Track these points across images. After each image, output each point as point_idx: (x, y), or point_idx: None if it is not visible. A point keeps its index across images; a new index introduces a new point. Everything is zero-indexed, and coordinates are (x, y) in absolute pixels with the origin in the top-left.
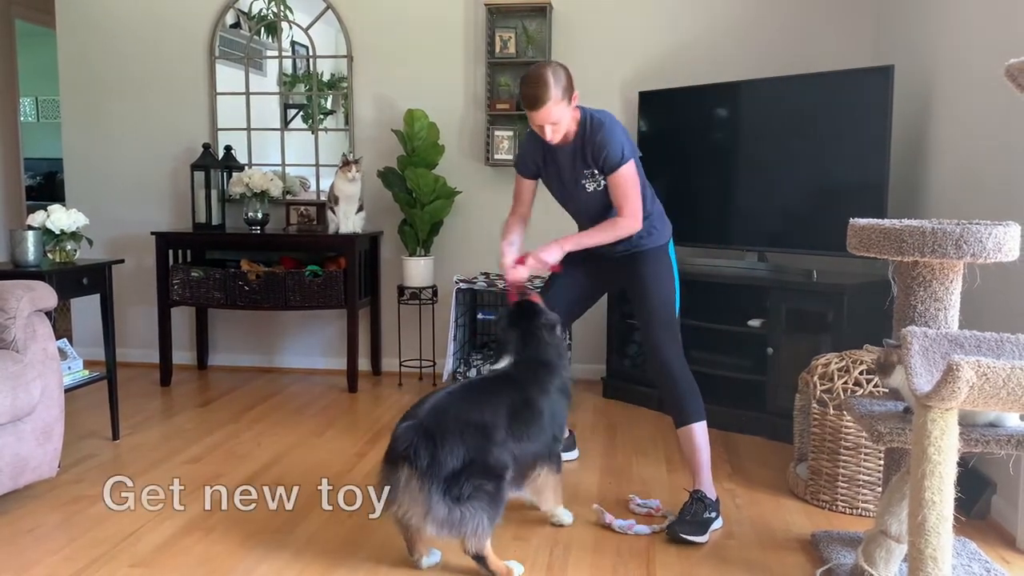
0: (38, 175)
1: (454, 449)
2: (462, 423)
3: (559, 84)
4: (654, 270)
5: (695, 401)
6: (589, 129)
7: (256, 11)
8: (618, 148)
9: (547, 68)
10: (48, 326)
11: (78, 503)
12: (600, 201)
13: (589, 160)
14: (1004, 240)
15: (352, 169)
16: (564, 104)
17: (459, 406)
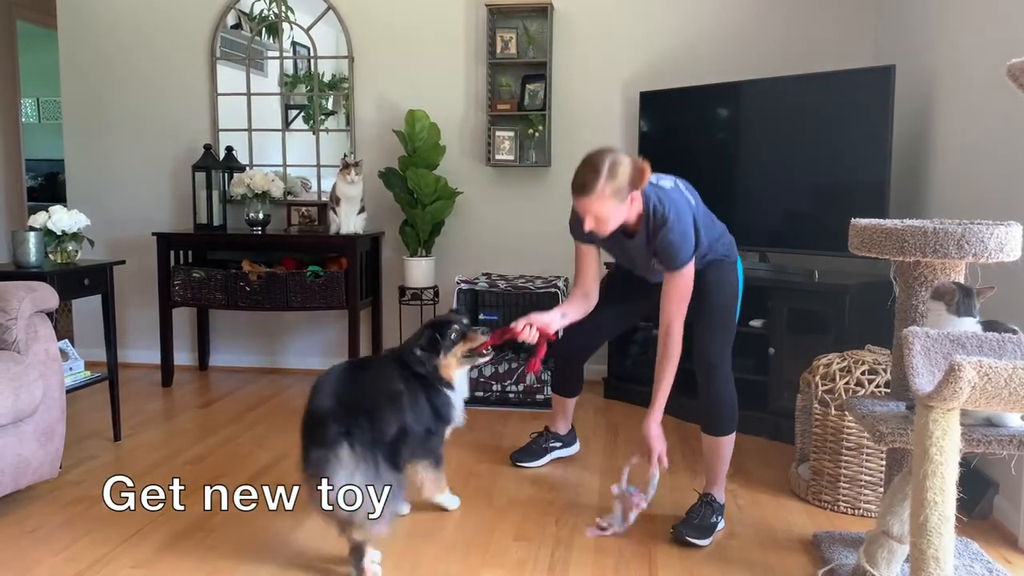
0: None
1: (388, 418)
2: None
3: (613, 181)
4: (718, 277)
5: (733, 414)
6: (653, 224)
7: (257, 12)
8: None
9: (606, 159)
10: (50, 327)
11: (80, 504)
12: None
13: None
14: (1006, 240)
15: (352, 171)
16: (614, 203)
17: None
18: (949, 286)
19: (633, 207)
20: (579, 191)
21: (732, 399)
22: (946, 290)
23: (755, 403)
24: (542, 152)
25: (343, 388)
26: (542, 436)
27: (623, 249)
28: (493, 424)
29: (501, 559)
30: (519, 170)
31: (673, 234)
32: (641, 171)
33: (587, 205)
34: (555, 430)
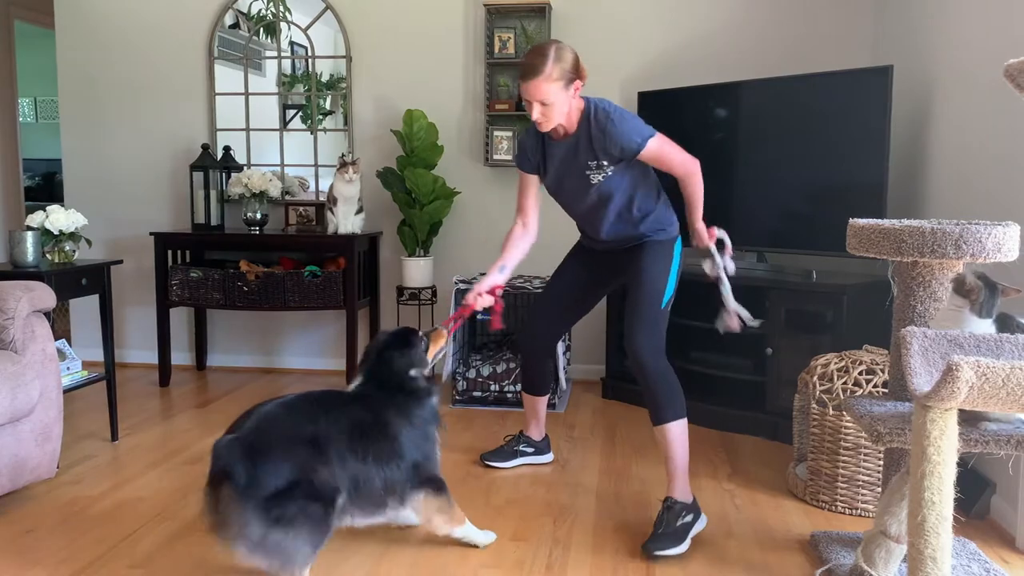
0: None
1: (278, 466)
2: (290, 437)
3: (560, 64)
4: (651, 260)
5: (671, 397)
6: (595, 119)
7: (255, 11)
8: (632, 131)
9: (552, 45)
10: (47, 327)
11: (77, 504)
12: (605, 194)
13: (597, 151)
14: (1003, 240)
15: (349, 170)
16: (560, 86)
17: (289, 418)
18: (975, 282)
19: (574, 103)
20: (528, 74)
21: (666, 376)
22: (972, 287)
23: (753, 403)
24: None
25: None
26: (515, 439)
27: (556, 158)
28: (491, 424)
29: (498, 559)
30: (515, 170)
31: (624, 119)
32: (583, 67)
33: (535, 88)
34: (529, 435)
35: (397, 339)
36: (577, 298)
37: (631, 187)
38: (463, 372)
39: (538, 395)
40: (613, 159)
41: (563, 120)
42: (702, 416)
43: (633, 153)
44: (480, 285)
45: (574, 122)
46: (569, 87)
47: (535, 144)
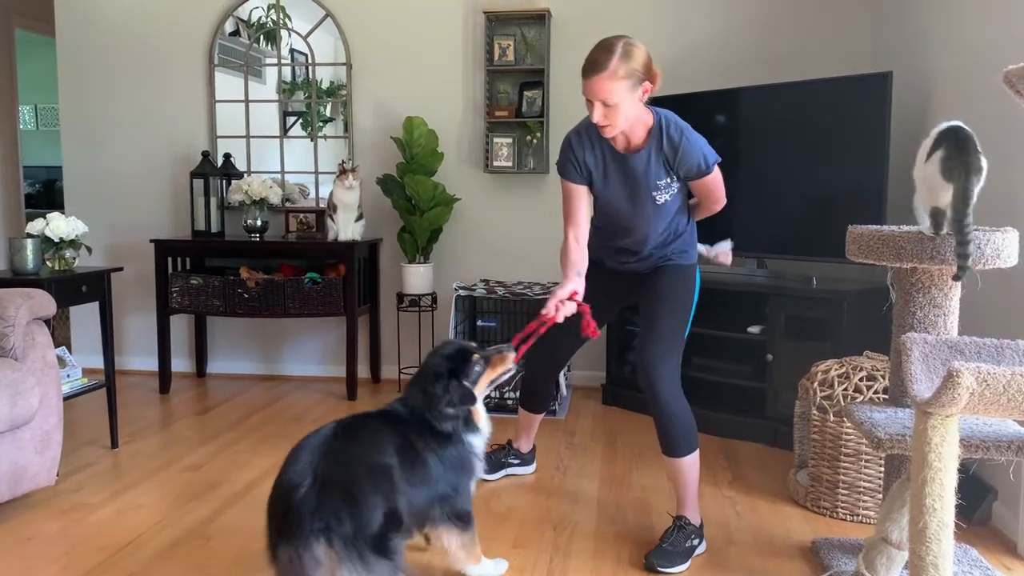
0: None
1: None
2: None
3: (628, 61)
4: (675, 286)
5: (688, 432)
6: (667, 134)
7: (255, 19)
8: (706, 152)
9: (621, 41)
10: (47, 334)
11: (77, 511)
12: (666, 214)
13: (667, 168)
14: (1003, 246)
15: (349, 177)
16: (626, 86)
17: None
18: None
19: (642, 111)
20: (591, 70)
21: (684, 416)
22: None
23: (753, 409)
24: (540, 159)
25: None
26: (502, 449)
27: (622, 173)
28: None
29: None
30: (517, 176)
31: (696, 139)
32: (656, 69)
33: (598, 86)
34: (517, 446)
35: (448, 363)
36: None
37: (678, 207)
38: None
39: (536, 413)
40: (679, 178)
41: (626, 126)
42: (702, 422)
43: (700, 174)
44: (560, 292)
45: (640, 134)
46: (637, 88)
47: (589, 152)
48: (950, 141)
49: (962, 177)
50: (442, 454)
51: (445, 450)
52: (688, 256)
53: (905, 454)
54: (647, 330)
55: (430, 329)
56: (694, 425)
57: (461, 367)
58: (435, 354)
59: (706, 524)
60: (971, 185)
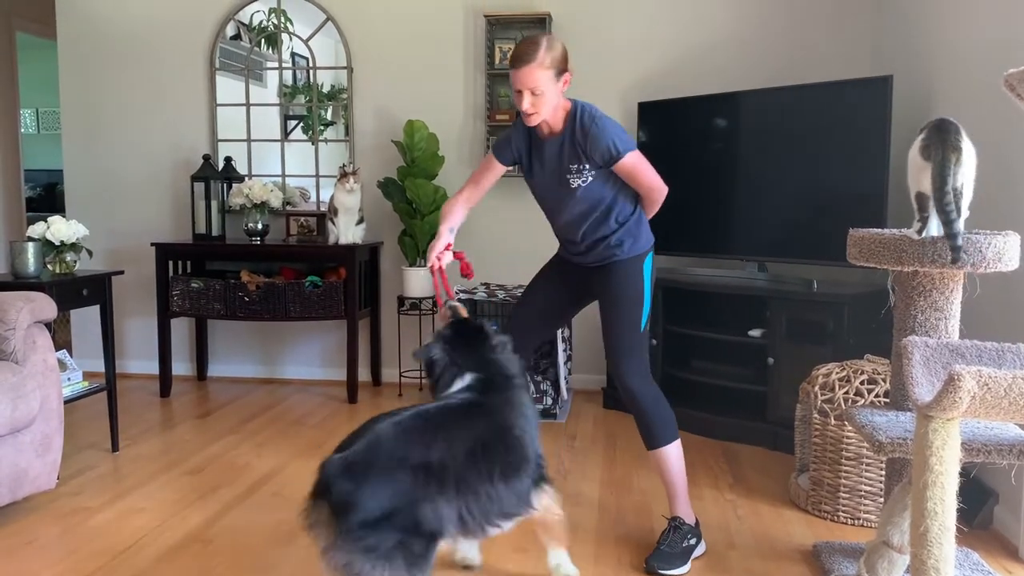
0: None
1: (376, 492)
2: (398, 461)
3: (551, 54)
4: (622, 285)
5: (664, 421)
6: (580, 121)
7: (256, 23)
8: (615, 139)
9: (544, 36)
10: (48, 337)
11: (77, 515)
12: (585, 199)
13: (580, 153)
14: (1004, 250)
15: (350, 180)
16: (551, 76)
17: (401, 440)
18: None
19: (561, 100)
20: (519, 62)
21: (657, 405)
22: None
23: (754, 413)
24: None
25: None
26: None
27: (540, 158)
28: None
29: (499, 571)
30: (517, 180)
31: (607, 125)
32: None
33: (526, 75)
34: None
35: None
36: (551, 312)
37: (612, 195)
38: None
39: None
40: (594, 164)
41: (550, 114)
42: (703, 426)
43: (610, 161)
44: (436, 246)
45: (559, 120)
46: (559, 79)
47: (523, 140)
48: (931, 127)
49: (939, 154)
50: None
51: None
52: (633, 247)
53: (906, 458)
54: (607, 336)
55: (431, 332)
56: (671, 416)
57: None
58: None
59: (707, 528)
60: (948, 162)
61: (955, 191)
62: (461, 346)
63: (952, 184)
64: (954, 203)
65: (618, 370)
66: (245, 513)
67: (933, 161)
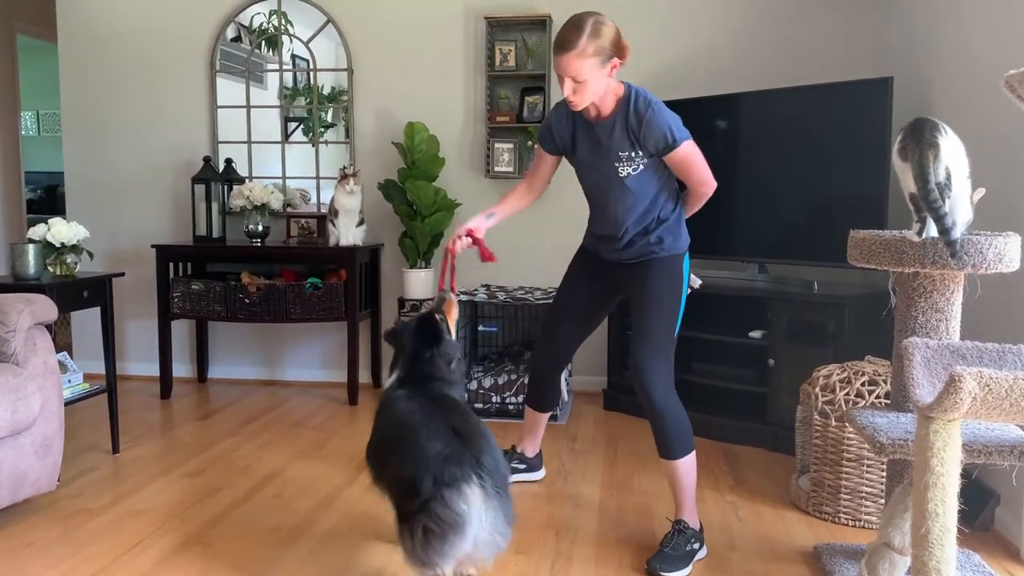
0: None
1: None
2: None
3: (596, 39)
4: (660, 283)
5: (683, 433)
6: (634, 107)
7: (257, 25)
8: (673, 126)
9: (590, 18)
10: (48, 339)
11: (78, 517)
12: (633, 190)
13: (632, 140)
14: (1005, 251)
15: (350, 182)
16: (595, 63)
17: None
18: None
19: (611, 84)
20: (560, 47)
21: (678, 418)
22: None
23: (755, 414)
24: None
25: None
26: (507, 455)
27: (589, 141)
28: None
29: (500, 573)
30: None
31: (664, 112)
32: (625, 43)
33: (567, 63)
34: (522, 450)
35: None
36: (587, 313)
37: (657, 188)
38: (465, 384)
39: (543, 411)
40: (647, 152)
41: (597, 100)
42: (703, 427)
43: (664, 149)
44: (461, 229)
45: (609, 105)
46: (606, 65)
47: (565, 123)
48: (906, 129)
49: (915, 153)
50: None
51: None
52: (674, 245)
53: (907, 459)
54: (637, 333)
55: None
56: (689, 427)
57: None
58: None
59: (708, 529)
60: (925, 160)
61: (939, 187)
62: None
63: (934, 180)
64: (940, 199)
65: (644, 376)
66: (246, 515)
67: (911, 161)
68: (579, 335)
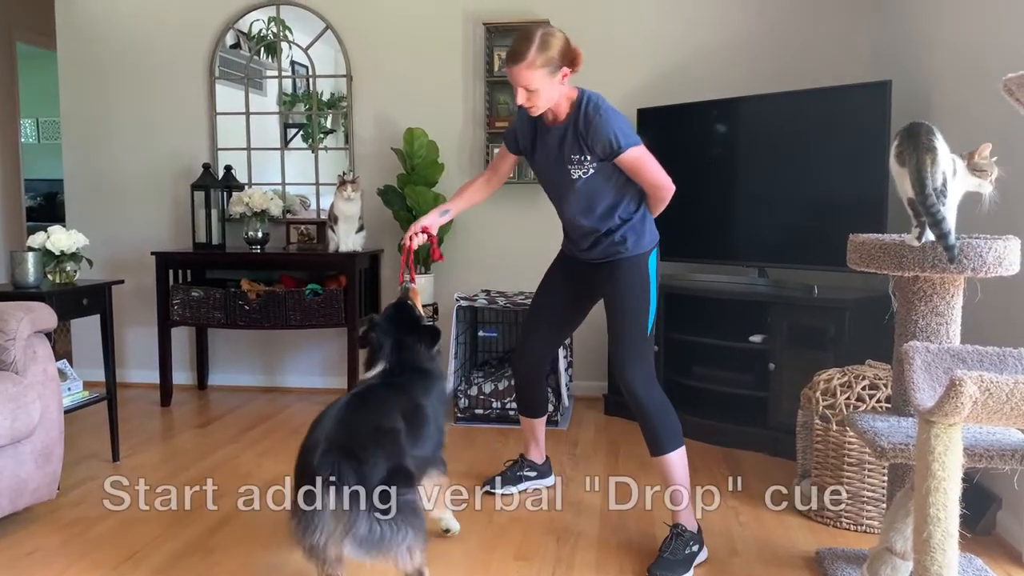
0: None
1: (376, 461)
2: (373, 430)
3: (543, 53)
4: (627, 283)
5: (669, 428)
6: (584, 111)
7: (256, 31)
8: (618, 132)
9: (539, 30)
10: (48, 347)
11: (78, 525)
12: (585, 193)
13: (581, 144)
14: (1004, 254)
15: (348, 188)
16: (544, 73)
17: (363, 415)
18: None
19: (564, 90)
20: (511, 59)
21: (663, 406)
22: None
23: (755, 419)
24: None
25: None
26: (517, 464)
27: (544, 145)
28: (493, 441)
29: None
30: (517, 187)
31: (611, 118)
32: (575, 52)
33: (518, 74)
34: (530, 459)
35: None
36: (564, 314)
37: (615, 190)
38: (465, 390)
39: (535, 417)
40: (596, 156)
41: (552, 105)
42: (704, 432)
43: (610, 154)
44: (415, 226)
45: (564, 110)
46: (556, 74)
47: (528, 126)
48: (902, 133)
49: (913, 158)
50: (434, 397)
51: (435, 390)
52: (637, 245)
53: (909, 463)
54: (612, 337)
55: None
56: (677, 422)
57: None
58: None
59: (709, 534)
60: (923, 164)
61: (937, 191)
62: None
63: (932, 185)
64: (937, 203)
65: (623, 375)
66: (246, 523)
67: (908, 166)
68: (555, 338)
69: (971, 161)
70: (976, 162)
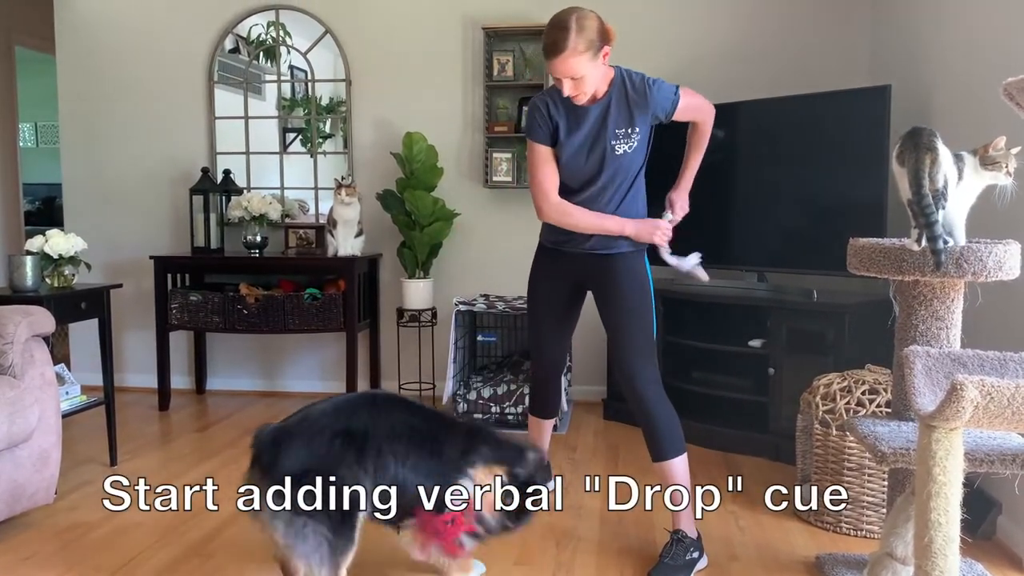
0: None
1: (296, 452)
2: (319, 429)
3: (583, 35)
4: (629, 282)
5: (674, 434)
6: (630, 84)
7: (255, 36)
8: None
9: (572, 14)
10: (46, 351)
11: (75, 530)
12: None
13: (631, 115)
14: (1005, 258)
15: (343, 192)
16: (588, 57)
17: (328, 413)
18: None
19: (604, 69)
20: (552, 52)
21: (670, 413)
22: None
23: (755, 423)
24: None
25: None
26: None
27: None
28: None
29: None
30: (516, 191)
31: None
32: (608, 28)
33: (562, 65)
34: None
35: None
36: (563, 311)
37: (638, 170)
38: (464, 394)
39: (546, 418)
40: (645, 124)
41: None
42: (704, 437)
43: (674, 103)
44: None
45: (603, 88)
46: (597, 56)
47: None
48: (905, 135)
49: (912, 158)
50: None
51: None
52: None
53: (909, 468)
54: (618, 340)
55: (430, 344)
56: (679, 427)
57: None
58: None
59: (709, 539)
60: (922, 164)
61: (937, 193)
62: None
63: (929, 186)
64: (933, 205)
65: (632, 377)
66: (245, 528)
67: (907, 166)
68: (564, 334)
69: (984, 155)
70: (990, 155)
